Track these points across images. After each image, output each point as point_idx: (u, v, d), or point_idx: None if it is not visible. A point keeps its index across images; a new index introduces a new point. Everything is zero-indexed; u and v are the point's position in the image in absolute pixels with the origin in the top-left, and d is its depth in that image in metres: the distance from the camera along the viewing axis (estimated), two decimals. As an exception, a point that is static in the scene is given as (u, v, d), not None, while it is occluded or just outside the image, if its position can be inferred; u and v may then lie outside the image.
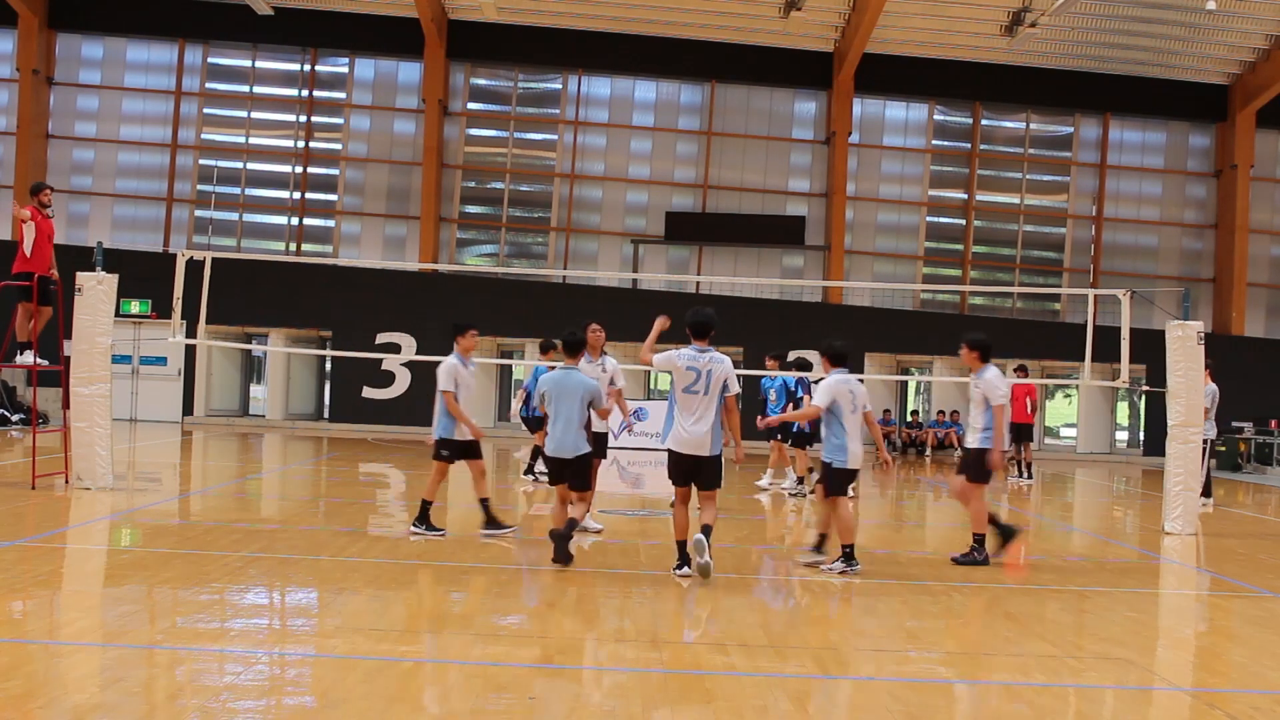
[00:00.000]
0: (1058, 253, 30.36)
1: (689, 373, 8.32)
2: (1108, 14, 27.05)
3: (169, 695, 5.30)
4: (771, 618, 7.66)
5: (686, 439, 8.33)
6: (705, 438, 8.31)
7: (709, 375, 8.32)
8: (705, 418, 8.31)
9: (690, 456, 8.36)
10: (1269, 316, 30.19)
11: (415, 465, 18.72)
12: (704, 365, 8.34)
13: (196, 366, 26.95)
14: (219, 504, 12.77)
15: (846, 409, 9.08)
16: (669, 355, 8.40)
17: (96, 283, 12.32)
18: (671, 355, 8.41)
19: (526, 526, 11.25)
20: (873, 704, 5.57)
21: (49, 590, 7.54)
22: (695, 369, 8.31)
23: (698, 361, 8.34)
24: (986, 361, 9.78)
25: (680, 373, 8.34)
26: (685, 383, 8.33)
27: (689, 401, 8.34)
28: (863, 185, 29.62)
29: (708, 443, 8.32)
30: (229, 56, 29.44)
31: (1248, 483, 21.89)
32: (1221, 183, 29.87)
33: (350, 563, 8.76)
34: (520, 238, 29.97)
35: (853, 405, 9.10)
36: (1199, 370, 12.37)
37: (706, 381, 8.31)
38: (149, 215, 28.97)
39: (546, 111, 29.83)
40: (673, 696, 5.48)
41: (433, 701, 5.25)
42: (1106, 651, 6.88)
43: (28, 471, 12.70)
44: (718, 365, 8.35)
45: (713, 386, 8.32)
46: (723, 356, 8.44)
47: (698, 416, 8.31)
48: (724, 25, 28.25)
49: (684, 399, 8.35)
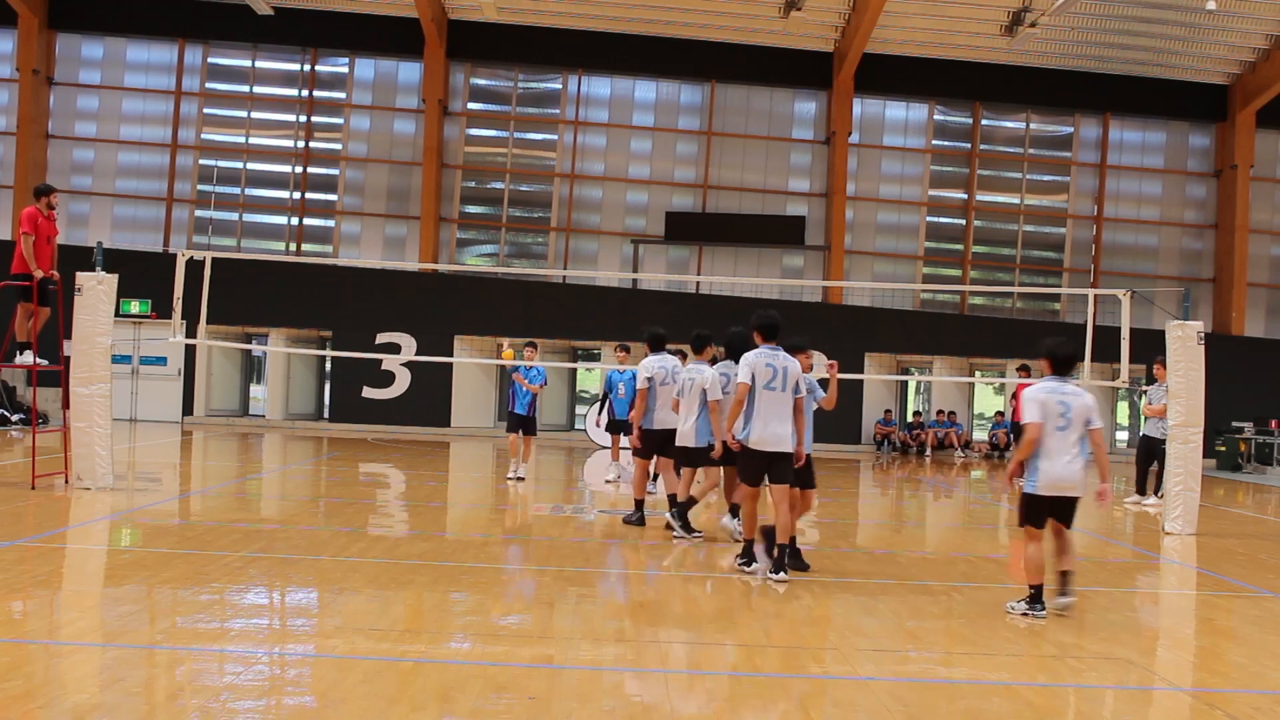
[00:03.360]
0: (1058, 253, 30.36)
1: (768, 369, 8.72)
2: (1108, 14, 27.06)
3: (169, 695, 5.30)
4: (771, 617, 7.66)
5: (766, 437, 8.65)
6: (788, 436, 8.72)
7: (785, 373, 8.72)
8: (785, 416, 8.66)
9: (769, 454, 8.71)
10: (1269, 316, 30.20)
11: (415, 465, 18.73)
12: (780, 364, 8.73)
13: (196, 366, 26.95)
14: (219, 504, 12.77)
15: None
16: (746, 359, 8.81)
17: (96, 283, 12.32)
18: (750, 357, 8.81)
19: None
20: (873, 704, 5.57)
21: (49, 590, 7.54)
22: (773, 366, 8.71)
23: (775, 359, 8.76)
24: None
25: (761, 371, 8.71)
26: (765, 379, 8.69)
27: (771, 400, 8.69)
28: (863, 185, 29.62)
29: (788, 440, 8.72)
30: (229, 56, 29.43)
31: (1248, 483, 21.88)
32: (1221, 183, 29.87)
33: (350, 563, 8.76)
34: (520, 238, 29.97)
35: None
36: (1199, 370, 12.35)
37: (784, 379, 8.68)
38: (149, 215, 28.97)
39: (546, 111, 29.83)
40: (673, 696, 5.48)
41: (433, 702, 5.25)
42: (1106, 651, 6.88)
43: (28, 471, 12.70)
44: (791, 365, 8.81)
45: (788, 385, 8.71)
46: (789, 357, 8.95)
47: (778, 415, 8.63)
48: (724, 25, 28.25)
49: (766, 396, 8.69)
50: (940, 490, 18.29)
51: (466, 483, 17.36)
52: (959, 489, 18.94)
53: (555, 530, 11.28)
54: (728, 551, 9.76)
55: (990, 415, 28.98)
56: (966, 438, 27.57)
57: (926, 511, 15.39)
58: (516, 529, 11.55)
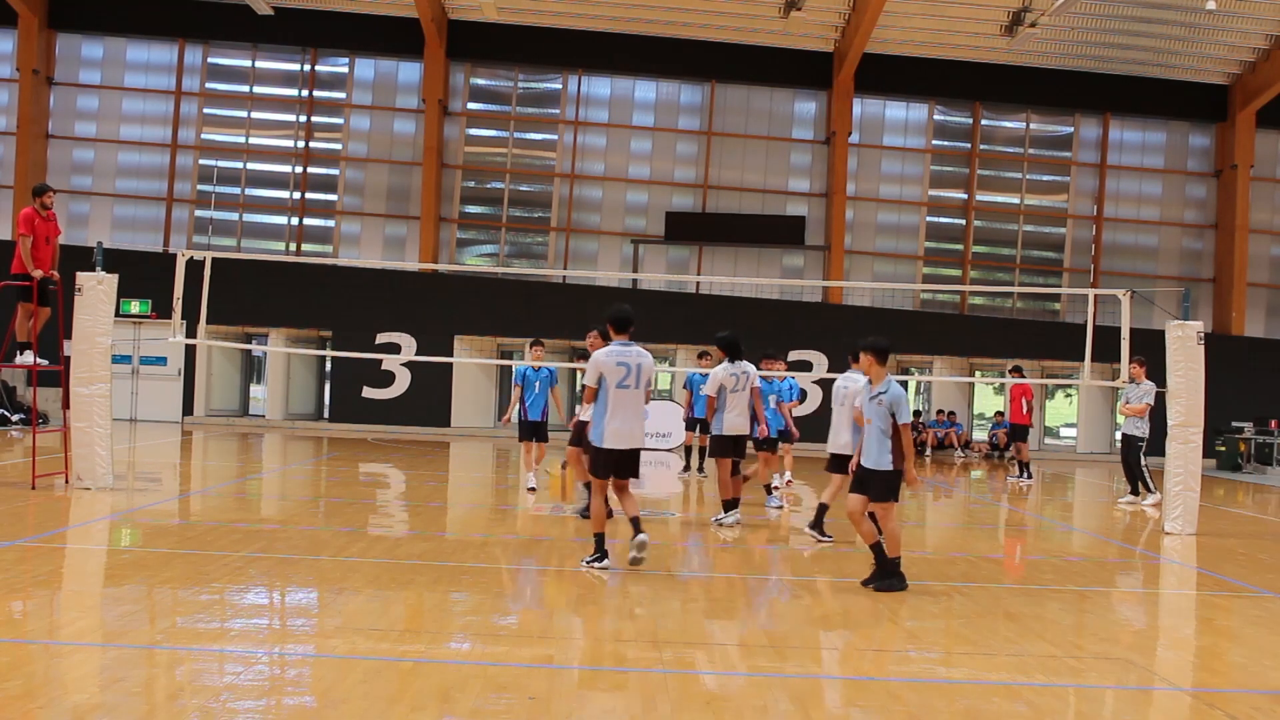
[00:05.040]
0: (1058, 253, 30.36)
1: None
2: (1108, 14, 27.06)
3: (169, 695, 5.30)
4: (772, 618, 7.66)
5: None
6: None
7: (638, 370, 8.73)
8: (638, 414, 8.73)
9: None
10: (1269, 316, 30.20)
11: (415, 465, 18.73)
12: (633, 360, 8.68)
13: (196, 366, 26.95)
14: (219, 504, 12.76)
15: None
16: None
17: (96, 283, 12.32)
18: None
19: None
20: (873, 704, 5.57)
21: (49, 590, 7.54)
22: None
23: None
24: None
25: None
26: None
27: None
28: (863, 185, 29.62)
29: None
30: (229, 56, 29.44)
31: (1248, 483, 21.89)
32: (1221, 183, 29.87)
33: (350, 563, 8.76)
34: (520, 238, 29.97)
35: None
36: (1199, 370, 12.35)
37: (637, 377, 8.64)
38: (149, 215, 28.97)
39: (546, 111, 29.83)
40: (672, 696, 5.48)
41: (433, 702, 5.25)
42: (1106, 651, 6.88)
43: (28, 471, 12.70)
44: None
45: (641, 382, 8.70)
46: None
47: (633, 413, 8.63)
48: (724, 25, 28.25)
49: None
50: (940, 490, 18.29)
51: (466, 483, 17.36)
52: (959, 489, 18.94)
53: (555, 530, 11.29)
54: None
55: (990, 415, 28.98)
56: (966, 438, 27.57)
57: (926, 511, 15.39)
58: (517, 529, 11.55)
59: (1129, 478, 16.04)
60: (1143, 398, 15.11)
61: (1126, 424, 15.85)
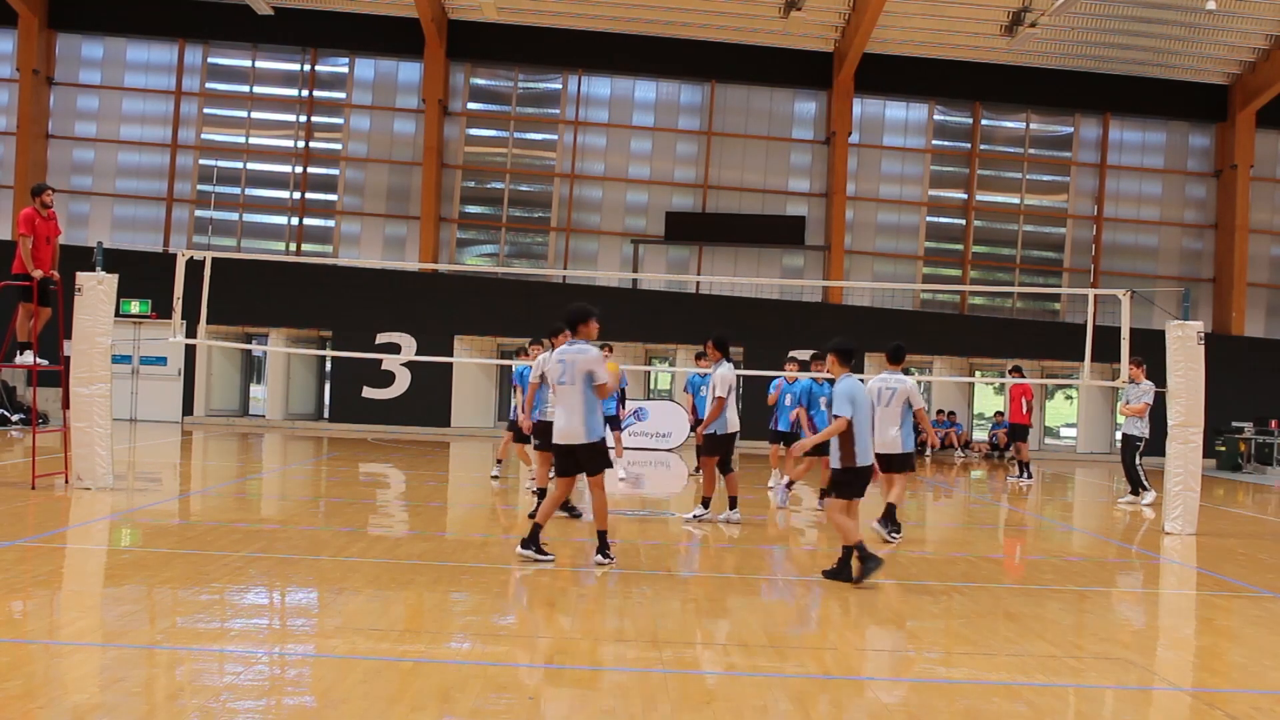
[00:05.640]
0: (1058, 253, 30.36)
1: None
2: (1108, 14, 27.06)
3: (169, 695, 5.30)
4: (772, 618, 7.66)
5: None
6: None
7: (573, 367, 8.89)
8: (575, 409, 8.87)
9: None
10: (1269, 316, 30.20)
11: (415, 465, 18.73)
12: (570, 358, 8.89)
13: (196, 366, 26.95)
14: (219, 504, 12.76)
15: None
16: None
17: (96, 283, 12.32)
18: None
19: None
20: (873, 704, 5.57)
21: (49, 590, 7.54)
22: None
23: None
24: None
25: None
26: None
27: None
28: (863, 185, 29.62)
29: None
30: (229, 56, 29.44)
31: (1248, 483, 21.88)
32: (1221, 183, 29.87)
33: (350, 563, 8.76)
34: (520, 238, 29.97)
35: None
36: (1199, 370, 12.35)
37: (571, 373, 8.81)
38: (149, 215, 28.97)
39: (546, 111, 29.83)
40: (673, 696, 5.48)
41: (433, 702, 5.25)
42: (1106, 651, 6.88)
43: (28, 471, 12.70)
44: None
45: (577, 378, 8.83)
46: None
47: (567, 408, 8.89)
48: (724, 25, 28.25)
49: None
50: (940, 490, 18.29)
51: (466, 483, 17.35)
52: (959, 489, 18.94)
53: (555, 530, 11.28)
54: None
55: (990, 415, 28.97)
56: (966, 438, 27.57)
57: (926, 511, 15.39)
58: (517, 529, 11.54)
59: (1129, 478, 16.06)
60: (1141, 397, 15.12)
61: (1126, 424, 15.86)
